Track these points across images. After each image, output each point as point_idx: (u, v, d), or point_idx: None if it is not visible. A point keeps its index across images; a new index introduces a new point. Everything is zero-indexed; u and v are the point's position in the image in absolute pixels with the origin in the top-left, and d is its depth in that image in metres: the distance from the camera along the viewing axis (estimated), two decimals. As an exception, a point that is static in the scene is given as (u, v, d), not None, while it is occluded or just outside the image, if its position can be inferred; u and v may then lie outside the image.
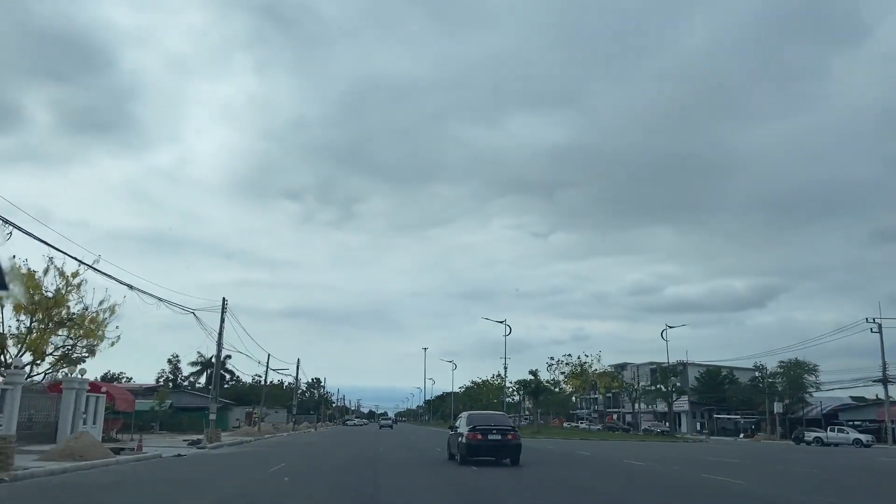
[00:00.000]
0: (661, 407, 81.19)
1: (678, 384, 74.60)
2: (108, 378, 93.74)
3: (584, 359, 72.95)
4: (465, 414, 23.16)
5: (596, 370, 72.00)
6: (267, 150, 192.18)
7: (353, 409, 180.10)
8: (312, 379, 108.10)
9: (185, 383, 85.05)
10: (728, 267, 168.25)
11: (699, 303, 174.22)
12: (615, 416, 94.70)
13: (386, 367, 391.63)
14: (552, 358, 71.43)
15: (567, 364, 72.14)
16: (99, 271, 25.33)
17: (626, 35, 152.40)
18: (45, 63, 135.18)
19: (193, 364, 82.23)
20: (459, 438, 20.54)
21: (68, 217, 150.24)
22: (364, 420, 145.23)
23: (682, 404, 77.71)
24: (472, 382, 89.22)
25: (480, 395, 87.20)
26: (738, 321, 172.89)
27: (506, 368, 69.14)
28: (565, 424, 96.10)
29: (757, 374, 78.68)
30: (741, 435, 63.54)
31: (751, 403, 74.23)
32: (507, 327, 66.06)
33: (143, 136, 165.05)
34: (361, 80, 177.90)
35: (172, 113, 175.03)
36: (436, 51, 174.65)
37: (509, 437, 19.72)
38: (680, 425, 79.91)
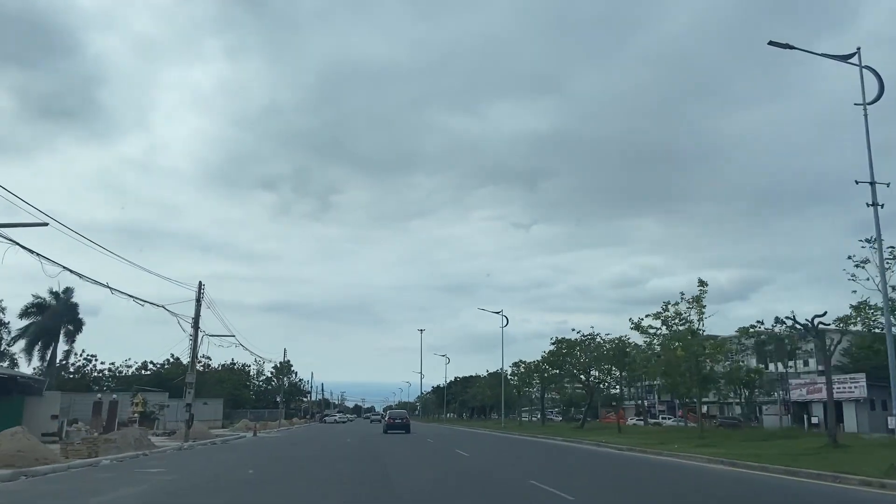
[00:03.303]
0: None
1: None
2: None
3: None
4: (387, 410, 74.04)
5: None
6: (240, 138, 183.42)
7: (336, 403, 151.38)
8: (280, 363, 79.14)
9: (14, 349, 51.31)
10: (712, 258, 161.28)
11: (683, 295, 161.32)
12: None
13: (370, 362, 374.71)
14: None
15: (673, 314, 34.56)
16: None
17: (608, 20, 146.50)
18: (5, 47, 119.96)
19: (25, 315, 49.62)
20: (384, 421, 52.05)
21: (34, 209, 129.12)
22: (348, 416, 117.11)
23: (851, 388, 49.58)
24: (557, 343, 57.48)
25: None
26: (722, 314, 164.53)
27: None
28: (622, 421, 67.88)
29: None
30: None
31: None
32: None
33: (112, 123, 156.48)
34: (336, 66, 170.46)
35: (141, 99, 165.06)
36: (413, 35, 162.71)
37: (404, 420, 47.88)
38: (842, 421, 51.81)
